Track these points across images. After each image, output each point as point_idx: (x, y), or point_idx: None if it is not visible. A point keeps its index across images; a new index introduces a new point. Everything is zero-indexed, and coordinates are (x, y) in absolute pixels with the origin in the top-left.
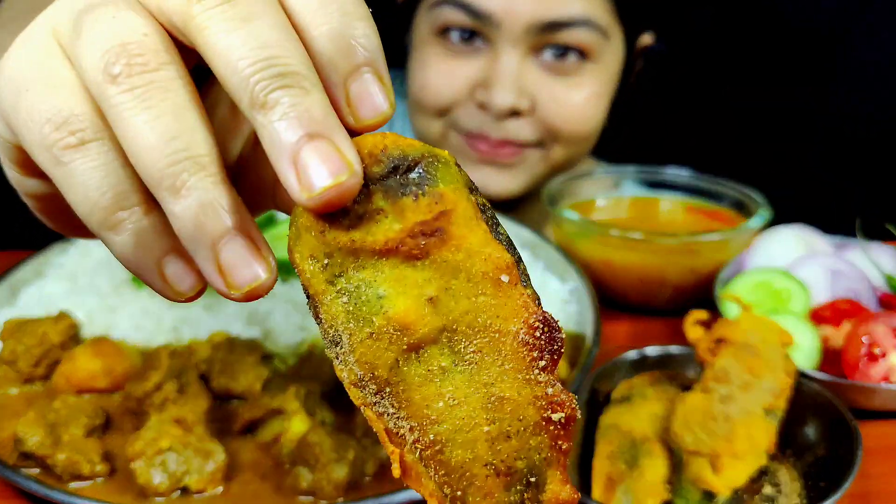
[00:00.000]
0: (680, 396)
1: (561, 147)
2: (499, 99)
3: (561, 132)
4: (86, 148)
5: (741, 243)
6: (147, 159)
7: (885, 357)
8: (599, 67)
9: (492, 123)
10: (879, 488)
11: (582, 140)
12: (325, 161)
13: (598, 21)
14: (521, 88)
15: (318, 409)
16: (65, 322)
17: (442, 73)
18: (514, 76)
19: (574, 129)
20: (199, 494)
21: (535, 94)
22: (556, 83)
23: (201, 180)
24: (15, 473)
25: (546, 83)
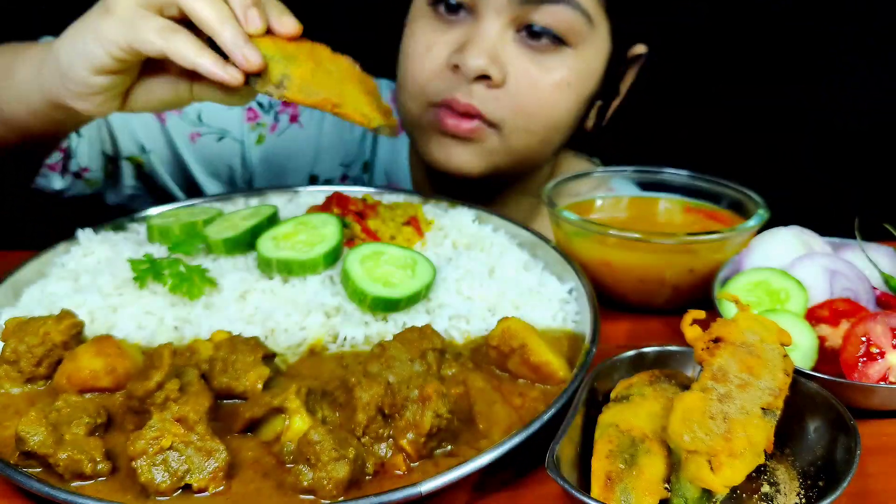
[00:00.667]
0: (678, 396)
1: (521, 134)
2: (471, 59)
3: (525, 112)
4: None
5: (739, 243)
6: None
7: (883, 356)
8: (577, 55)
9: (462, 87)
10: (878, 487)
11: (544, 127)
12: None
13: (582, 3)
14: (495, 56)
15: (318, 408)
16: (67, 321)
17: (424, 43)
18: (491, 43)
19: (537, 112)
20: (201, 493)
21: (508, 67)
22: (531, 61)
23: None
24: (17, 472)
25: (521, 59)
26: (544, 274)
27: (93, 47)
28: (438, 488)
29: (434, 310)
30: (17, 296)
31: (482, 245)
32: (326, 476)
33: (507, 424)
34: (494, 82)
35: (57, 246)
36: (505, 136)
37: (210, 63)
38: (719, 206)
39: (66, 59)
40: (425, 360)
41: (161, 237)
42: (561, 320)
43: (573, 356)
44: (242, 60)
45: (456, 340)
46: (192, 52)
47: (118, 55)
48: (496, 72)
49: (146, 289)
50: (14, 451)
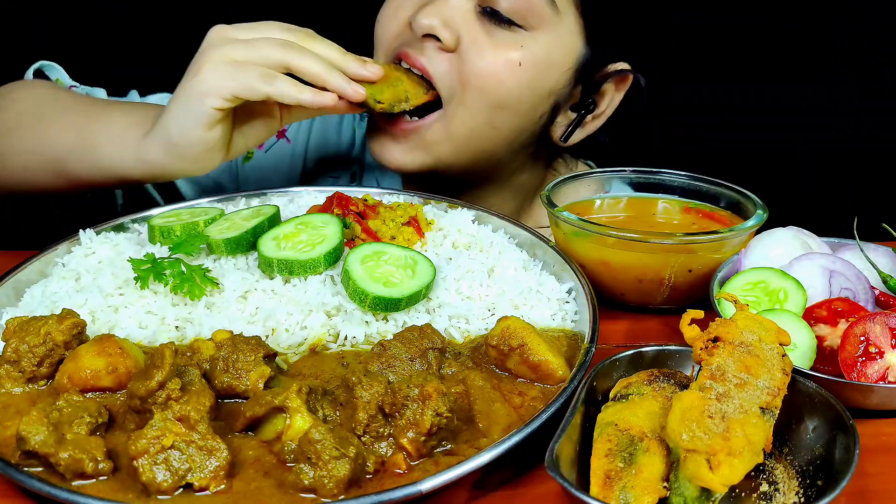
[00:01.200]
0: (677, 395)
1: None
2: (423, 18)
3: (469, 82)
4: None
5: (738, 243)
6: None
7: (882, 356)
8: (534, 38)
9: (414, 43)
10: (876, 487)
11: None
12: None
13: None
14: (449, 21)
15: (319, 407)
16: (68, 321)
17: (392, 8)
18: (449, 8)
19: (482, 84)
20: (202, 492)
21: (461, 34)
22: (484, 32)
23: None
24: (18, 472)
25: (474, 27)
26: (543, 274)
27: (198, 106)
28: (438, 487)
29: (434, 309)
30: (19, 296)
31: (482, 245)
32: (327, 475)
33: (507, 423)
34: (444, 45)
35: (58, 246)
36: (448, 115)
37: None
38: (718, 206)
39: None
40: (426, 360)
41: (162, 237)
42: (560, 320)
43: (572, 355)
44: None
45: (456, 340)
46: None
47: (223, 105)
48: (446, 34)
49: (147, 288)
50: (16, 450)
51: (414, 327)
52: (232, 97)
